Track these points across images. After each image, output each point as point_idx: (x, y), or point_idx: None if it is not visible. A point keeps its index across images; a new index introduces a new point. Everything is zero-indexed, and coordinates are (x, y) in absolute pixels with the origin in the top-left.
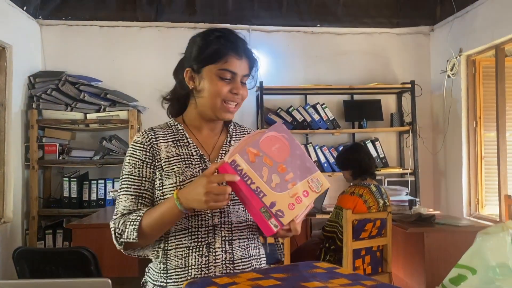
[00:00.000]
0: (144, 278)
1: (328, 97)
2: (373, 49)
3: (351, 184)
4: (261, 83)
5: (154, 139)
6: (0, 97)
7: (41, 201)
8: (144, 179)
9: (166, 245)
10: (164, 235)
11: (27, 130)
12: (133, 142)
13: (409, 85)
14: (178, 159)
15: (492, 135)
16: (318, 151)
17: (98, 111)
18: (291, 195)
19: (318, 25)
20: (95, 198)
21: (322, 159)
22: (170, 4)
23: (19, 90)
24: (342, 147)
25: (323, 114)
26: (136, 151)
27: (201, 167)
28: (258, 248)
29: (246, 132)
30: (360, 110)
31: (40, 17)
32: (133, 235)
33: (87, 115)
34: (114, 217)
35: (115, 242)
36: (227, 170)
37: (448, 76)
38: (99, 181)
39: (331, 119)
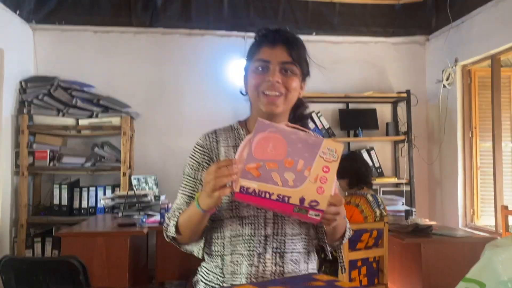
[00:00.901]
0: (195, 277)
1: (323, 106)
2: (369, 58)
3: (347, 193)
4: None
5: (215, 143)
6: None
7: (30, 208)
8: (198, 181)
9: (222, 249)
10: (220, 240)
11: (17, 135)
12: (195, 144)
13: (405, 95)
14: None
15: (488, 145)
16: None
17: (90, 117)
18: (313, 180)
19: (314, 34)
20: (85, 206)
21: None
22: (165, 10)
23: (10, 95)
24: None
25: (318, 123)
26: (196, 154)
27: None
28: (310, 263)
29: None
30: (355, 119)
31: (33, 21)
32: (172, 230)
33: (79, 121)
34: (170, 211)
35: (164, 235)
36: (242, 198)
37: (444, 86)
38: (90, 188)
39: (326, 127)
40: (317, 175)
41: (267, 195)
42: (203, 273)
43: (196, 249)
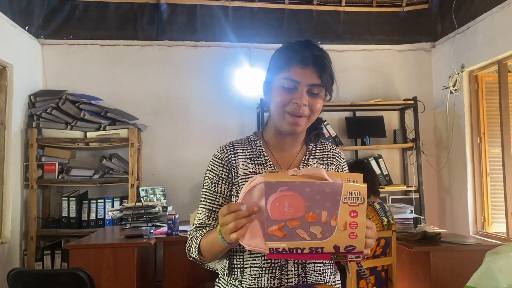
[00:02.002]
0: None
1: (329, 114)
2: (375, 66)
3: None
4: (261, 100)
5: (232, 155)
6: (0, 116)
7: (40, 221)
8: (218, 194)
9: (241, 262)
10: (240, 253)
11: (26, 149)
12: (213, 156)
13: (412, 102)
14: None
15: (497, 151)
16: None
17: (98, 129)
18: (343, 228)
19: (319, 42)
20: (94, 218)
21: None
22: (171, 23)
23: (20, 109)
24: None
25: (325, 131)
26: (214, 166)
27: None
28: (334, 274)
29: (326, 150)
30: (362, 127)
31: (42, 36)
32: (195, 252)
33: (87, 133)
34: (192, 227)
35: (187, 253)
36: (275, 257)
37: (451, 92)
38: (99, 200)
39: (333, 136)
40: (345, 222)
41: (299, 251)
42: (221, 285)
43: (219, 267)
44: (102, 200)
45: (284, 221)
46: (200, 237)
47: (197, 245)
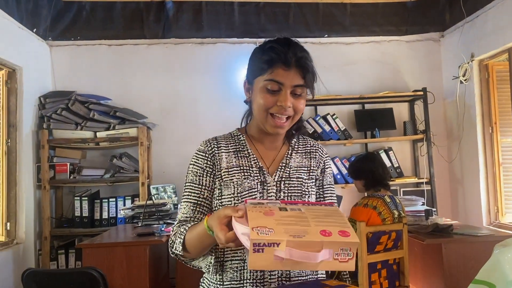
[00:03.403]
0: None
1: (338, 108)
2: (383, 57)
3: (365, 195)
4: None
5: (216, 148)
6: (11, 118)
7: (53, 221)
8: (203, 187)
9: (222, 256)
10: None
11: (38, 150)
12: (196, 150)
13: (421, 93)
14: (237, 170)
15: (509, 140)
16: (330, 162)
17: (107, 129)
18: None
19: (326, 36)
20: (106, 217)
21: (335, 171)
22: (177, 21)
23: (30, 111)
24: (354, 157)
25: (334, 125)
26: (198, 160)
27: (260, 179)
28: None
29: (309, 145)
30: (372, 119)
31: (50, 38)
32: (179, 248)
33: (97, 133)
34: (174, 223)
35: (169, 251)
36: None
37: (461, 82)
38: (110, 200)
39: (342, 129)
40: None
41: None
42: (205, 284)
43: (204, 264)
44: (114, 199)
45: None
46: (184, 232)
47: (181, 240)
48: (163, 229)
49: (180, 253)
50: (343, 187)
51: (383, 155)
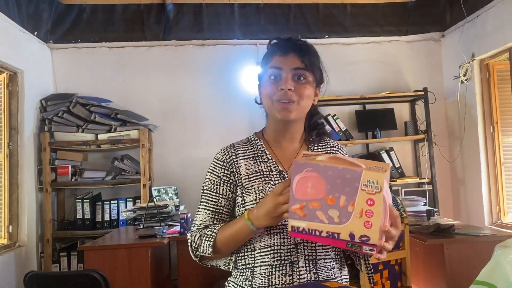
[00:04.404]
0: None
1: (339, 108)
2: (383, 57)
3: None
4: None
5: (234, 156)
6: (13, 121)
7: (55, 223)
8: (221, 196)
9: (253, 261)
10: (251, 252)
11: (39, 153)
12: (214, 158)
13: (422, 93)
14: (257, 175)
15: (511, 140)
16: None
17: (109, 131)
18: (359, 215)
19: (326, 36)
20: (108, 219)
21: None
22: (177, 23)
23: (31, 114)
24: (356, 157)
25: (335, 126)
26: (216, 168)
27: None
28: (341, 269)
29: (329, 145)
30: (373, 119)
31: (51, 41)
32: (208, 250)
33: (98, 135)
34: (192, 228)
35: (191, 254)
36: (296, 235)
37: (462, 82)
38: (112, 202)
39: (343, 130)
40: (362, 209)
41: (317, 233)
42: (231, 287)
43: (222, 262)
44: (115, 201)
45: (306, 201)
46: (214, 234)
47: (211, 242)
48: (164, 230)
49: (210, 255)
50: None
51: (385, 156)
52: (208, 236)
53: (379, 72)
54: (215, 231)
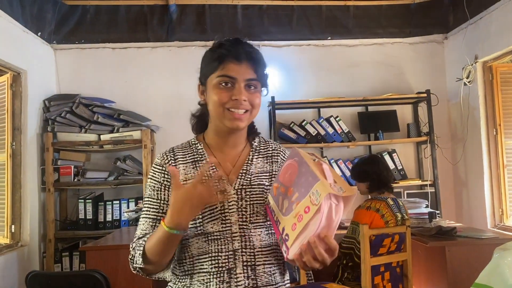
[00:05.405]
0: None
1: (341, 110)
2: (386, 59)
3: (369, 197)
4: (272, 98)
5: (173, 161)
6: (16, 121)
7: (57, 223)
8: (162, 202)
9: (191, 268)
10: (189, 259)
11: (42, 153)
12: (153, 164)
13: (425, 95)
14: None
15: None
16: (334, 164)
17: (111, 132)
18: (295, 215)
19: (329, 38)
20: (110, 219)
21: (338, 173)
22: (180, 24)
23: (35, 114)
24: (358, 159)
25: (337, 127)
26: (155, 174)
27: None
28: (283, 274)
29: (271, 148)
30: (375, 121)
31: (54, 42)
32: (139, 260)
33: (101, 136)
34: (133, 239)
35: (131, 267)
36: (267, 210)
37: (465, 84)
38: (114, 202)
39: (345, 131)
40: (298, 212)
41: (273, 214)
42: None
43: (168, 274)
44: (118, 202)
45: (281, 184)
46: (143, 243)
47: (141, 252)
48: None
49: (141, 265)
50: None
51: (387, 157)
52: (139, 245)
53: (382, 73)
54: (145, 239)
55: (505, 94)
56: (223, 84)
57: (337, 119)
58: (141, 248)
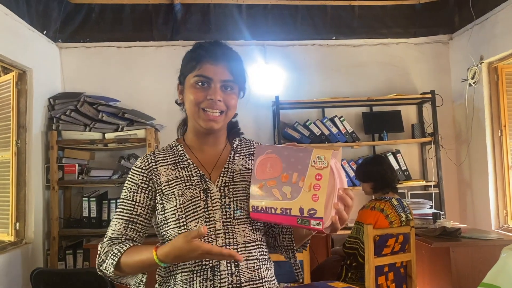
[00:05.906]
0: None
1: (346, 110)
2: (391, 60)
3: (373, 197)
4: (277, 97)
5: (153, 163)
6: (21, 119)
7: (61, 221)
8: (137, 204)
9: (175, 268)
10: None
11: (47, 151)
12: (133, 166)
13: (430, 95)
14: (178, 181)
15: None
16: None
17: (116, 130)
18: (307, 189)
19: (334, 38)
20: None
21: (342, 173)
22: (185, 23)
23: (40, 112)
24: (362, 159)
25: (341, 127)
26: (134, 176)
27: (202, 187)
28: (270, 269)
29: (252, 147)
30: (379, 121)
31: (60, 40)
32: (110, 269)
33: (106, 134)
34: (104, 239)
35: (96, 267)
36: (256, 216)
37: (470, 85)
38: (118, 200)
39: (350, 131)
40: (311, 184)
41: (273, 210)
42: None
43: (133, 282)
44: None
45: (264, 181)
46: (118, 253)
47: (113, 262)
48: None
49: (111, 274)
50: (351, 190)
51: (391, 158)
52: (113, 254)
53: (387, 74)
54: (121, 250)
55: (510, 95)
56: (200, 84)
57: (341, 119)
58: (116, 259)
